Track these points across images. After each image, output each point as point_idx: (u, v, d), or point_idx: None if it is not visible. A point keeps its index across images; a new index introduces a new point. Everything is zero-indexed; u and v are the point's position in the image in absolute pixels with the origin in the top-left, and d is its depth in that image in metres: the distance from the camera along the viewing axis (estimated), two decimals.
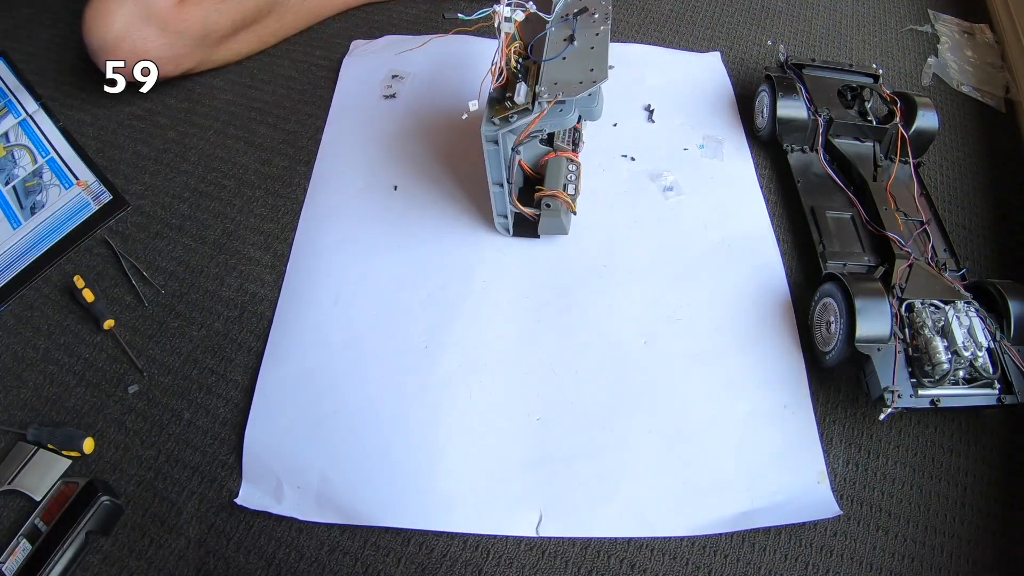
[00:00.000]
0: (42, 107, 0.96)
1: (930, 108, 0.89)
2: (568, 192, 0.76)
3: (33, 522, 0.65)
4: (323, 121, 0.96)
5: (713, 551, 0.65)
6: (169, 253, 0.84)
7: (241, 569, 0.64)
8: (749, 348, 0.76)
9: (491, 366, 0.74)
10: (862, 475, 0.70)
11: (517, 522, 0.65)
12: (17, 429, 0.71)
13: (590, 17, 0.65)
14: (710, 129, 0.95)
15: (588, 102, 0.67)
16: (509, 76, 0.68)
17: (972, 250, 0.87)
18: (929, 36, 1.15)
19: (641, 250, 0.83)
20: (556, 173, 0.76)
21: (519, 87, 0.66)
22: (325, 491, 0.66)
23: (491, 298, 0.78)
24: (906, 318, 0.69)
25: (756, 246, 0.84)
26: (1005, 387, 0.68)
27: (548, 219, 0.76)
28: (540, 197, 0.76)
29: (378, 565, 0.64)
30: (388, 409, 0.71)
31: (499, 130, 0.68)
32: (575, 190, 0.77)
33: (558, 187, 0.76)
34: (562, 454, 0.69)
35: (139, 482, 0.68)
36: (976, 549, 0.67)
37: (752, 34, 1.11)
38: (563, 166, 0.77)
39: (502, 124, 0.67)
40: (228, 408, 0.72)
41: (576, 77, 0.65)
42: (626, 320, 0.77)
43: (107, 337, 0.77)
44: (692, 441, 0.70)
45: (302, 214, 0.86)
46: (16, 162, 0.92)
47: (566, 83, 0.65)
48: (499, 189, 0.75)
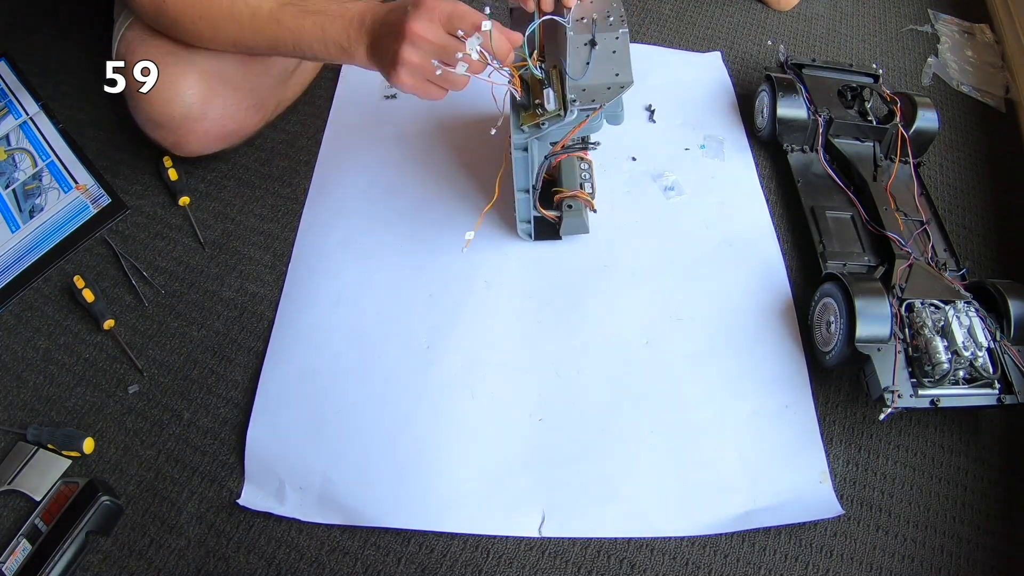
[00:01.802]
0: (43, 109, 0.96)
1: (930, 108, 0.89)
2: (586, 191, 0.76)
3: (33, 522, 0.65)
4: (323, 121, 0.96)
5: (713, 551, 0.65)
6: (169, 253, 0.84)
7: (241, 569, 0.64)
8: (751, 348, 0.76)
9: (493, 366, 0.74)
10: (862, 475, 0.70)
11: (519, 523, 0.65)
12: (17, 429, 0.71)
13: (606, 20, 0.64)
14: (711, 129, 0.95)
15: (613, 106, 0.67)
16: (533, 84, 0.68)
17: (972, 250, 0.87)
18: (929, 36, 1.15)
19: (642, 250, 0.83)
20: (571, 173, 0.76)
21: (547, 93, 0.65)
22: (327, 492, 0.66)
23: (493, 299, 0.78)
24: (906, 318, 0.69)
25: (757, 246, 0.84)
26: (1005, 387, 0.68)
27: (571, 219, 0.76)
28: (561, 199, 0.76)
29: (378, 565, 0.64)
30: (390, 409, 0.71)
31: (530, 137, 0.67)
32: (592, 188, 0.77)
33: (575, 187, 0.76)
34: (564, 455, 0.69)
35: (139, 482, 0.68)
36: (976, 549, 0.67)
37: (752, 34, 1.11)
38: (576, 165, 0.77)
39: (532, 131, 0.67)
40: (228, 408, 0.72)
41: (604, 82, 0.65)
42: (627, 320, 0.77)
43: (107, 337, 0.77)
44: (694, 441, 0.70)
45: (303, 214, 0.86)
46: (16, 165, 0.92)
47: (594, 89, 0.65)
48: (524, 195, 0.75)
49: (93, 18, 1.10)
